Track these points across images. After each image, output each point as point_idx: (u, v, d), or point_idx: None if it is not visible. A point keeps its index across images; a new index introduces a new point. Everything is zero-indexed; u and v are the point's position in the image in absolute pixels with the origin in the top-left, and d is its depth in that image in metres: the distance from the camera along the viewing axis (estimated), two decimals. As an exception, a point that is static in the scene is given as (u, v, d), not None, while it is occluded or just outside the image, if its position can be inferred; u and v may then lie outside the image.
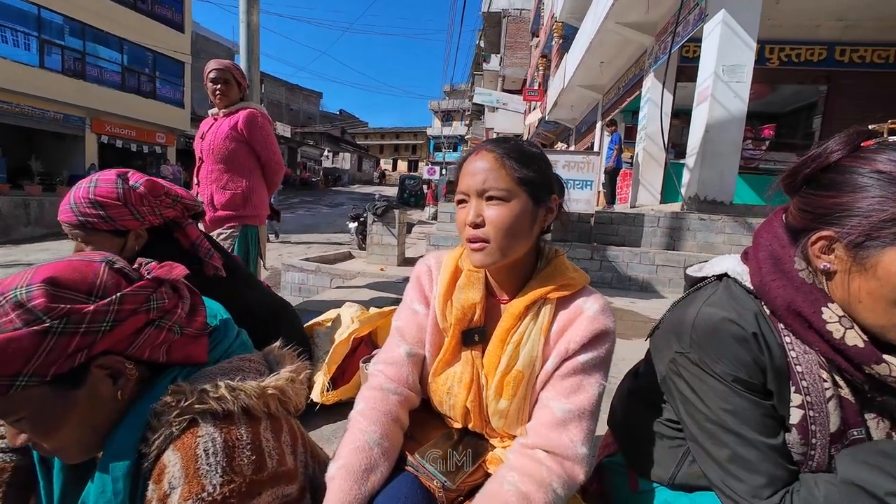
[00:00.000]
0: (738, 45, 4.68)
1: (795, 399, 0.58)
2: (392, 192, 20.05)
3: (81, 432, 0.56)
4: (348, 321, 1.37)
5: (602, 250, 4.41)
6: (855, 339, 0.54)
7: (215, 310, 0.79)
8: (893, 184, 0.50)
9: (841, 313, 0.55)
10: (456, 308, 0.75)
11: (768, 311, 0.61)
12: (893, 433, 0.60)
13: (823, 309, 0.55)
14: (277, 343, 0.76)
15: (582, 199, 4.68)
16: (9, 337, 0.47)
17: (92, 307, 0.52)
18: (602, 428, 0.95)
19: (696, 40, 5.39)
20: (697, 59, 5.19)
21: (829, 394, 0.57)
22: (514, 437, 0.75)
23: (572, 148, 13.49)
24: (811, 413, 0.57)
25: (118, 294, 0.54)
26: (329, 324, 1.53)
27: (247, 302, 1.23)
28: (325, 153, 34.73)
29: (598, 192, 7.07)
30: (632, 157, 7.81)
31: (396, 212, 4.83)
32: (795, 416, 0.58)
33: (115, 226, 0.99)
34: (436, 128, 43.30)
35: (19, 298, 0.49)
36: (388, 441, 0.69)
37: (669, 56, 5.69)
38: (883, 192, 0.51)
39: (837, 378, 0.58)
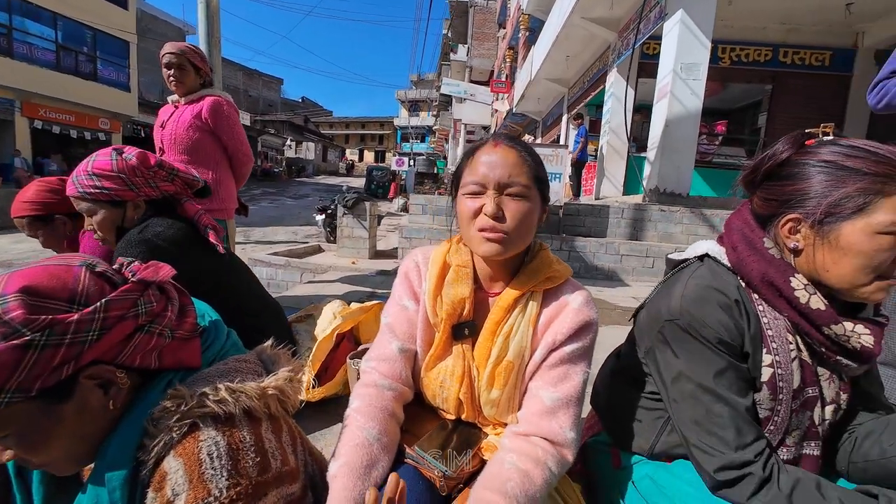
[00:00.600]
0: (695, 44, 4.92)
1: (767, 359, 0.67)
2: (359, 183, 19.67)
3: (72, 445, 0.53)
4: (330, 317, 1.35)
5: (570, 241, 4.55)
6: (818, 303, 0.64)
7: (203, 310, 0.77)
8: (839, 169, 0.61)
9: (806, 282, 0.65)
10: (446, 303, 0.76)
11: (744, 284, 0.69)
12: (842, 392, 0.71)
13: (791, 279, 0.65)
14: (269, 342, 0.75)
15: (551, 191, 4.79)
16: None
17: (76, 316, 0.48)
18: (585, 410, 1.00)
19: (657, 38, 5.61)
20: (657, 56, 5.41)
21: (793, 355, 0.66)
22: (505, 424, 0.78)
23: (539, 140, 13.73)
24: (779, 371, 0.66)
25: (103, 300, 0.51)
26: (309, 320, 1.50)
27: (240, 293, 1.20)
28: (288, 142, 33.41)
29: (566, 184, 7.27)
30: (596, 150, 8.06)
31: (367, 204, 4.75)
32: (766, 374, 0.66)
33: (112, 196, 1.06)
34: (403, 118, 42.68)
35: None
36: (387, 436, 0.70)
37: (632, 52, 5.89)
38: (832, 177, 0.61)
39: (800, 342, 0.67)
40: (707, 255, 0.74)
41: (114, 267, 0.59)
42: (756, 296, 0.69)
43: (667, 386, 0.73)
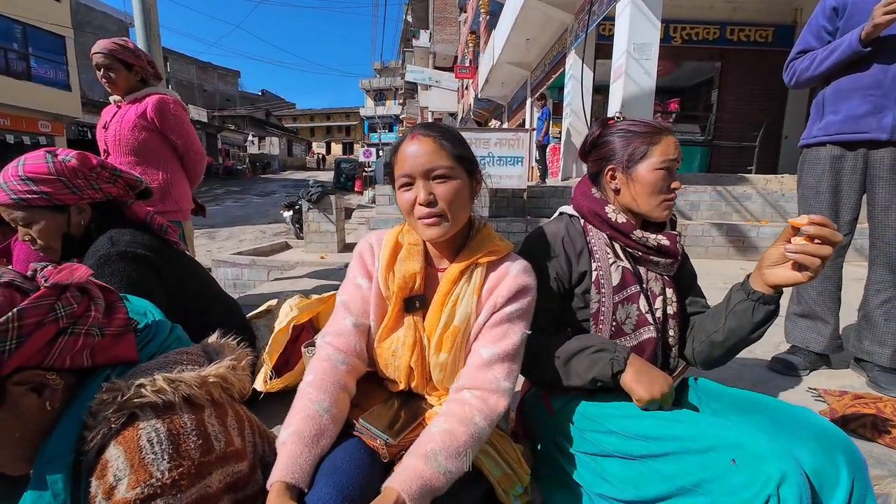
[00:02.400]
0: (646, 24, 5.05)
1: (592, 266, 0.94)
2: (328, 176, 19.26)
3: (17, 447, 0.55)
4: (287, 310, 1.37)
5: (535, 223, 4.67)
6: (623, 218, 0.94)
7: (144, 308, 0.78)
8: (628, 133, 0.94)
9: (615, 208, 0.96)
10: (398, 277, 0.83)
11: (582, 222, 0.99)
12: (667, 287, 0.97)
13: (606, 207, 0.96)
14: (215, 335, 0.78)
15: (514, 175, 4.88)
16: None
17: None
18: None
19: (611, 19, 5.72)
20: (612, 37, 5.52)
21: (611, 261, 0.94)
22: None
23: (506, 125, 13.82)
24: (600, 273, 0.93)
25: (15, 310, 0.52)
26: (268, 316, 1.51)
27: (200, 293, 1.20)
28: (250, 138, 32.20)
29: (532, 167, 7.38)
30: (560, 132, 8.21)
31: (332, 197, 4.70)
32: (593, 276, 0.94)
33: (52, 201, 1.00)
34: (369, 108, 41.81)
35: None
36: (337, 408, 0.74)
37: (587, 34, 6.00)
38: (625, 139, 0.94)
39: (620, 253, 0.95)
40: (561, 212, 1.04)
41: (26, 274, 0.60)
42: (589, 226, 0.98)
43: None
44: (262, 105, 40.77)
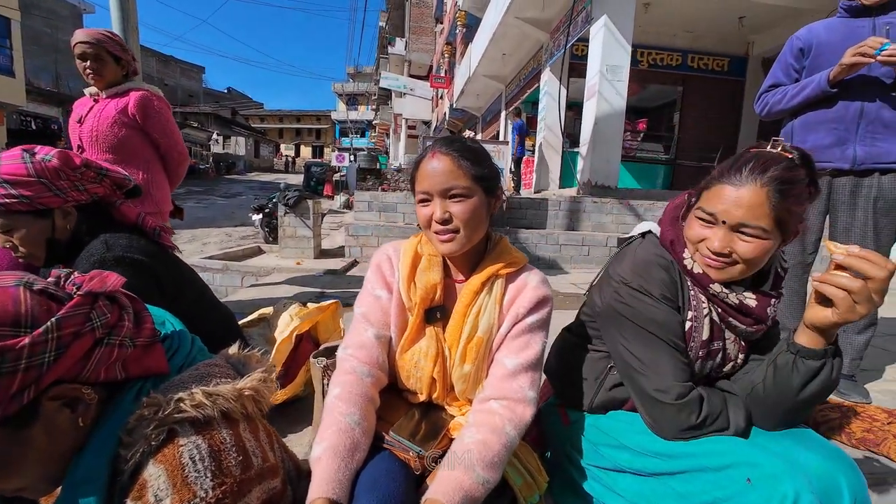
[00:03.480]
0: (618, 48, 5.34)
1: (688, 315, 0.83)
2: (298, 179, 18.76)
3: (45, 467, 0.52)
4: (287, 319, 1.33)
5: (514, 233, 4.77)
6: (698, 269, 0.82)
7: (163, 317, 0.75)
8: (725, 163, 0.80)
9: (692, 252, 0.83)
10: (419, 289, 0.83)
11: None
12: (741, 353, 0.86)
13: (685, 249, 0.84)
14: (235, 345, 0.75)
15: (494, 186, 4.96)
16: None
17: (27, 340, 0.46)
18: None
19: (584, 40, 6.00)
20: (586, 57, 5.79)
21: (704, 312, 0.83)
22: (471, 402, 0.85)
23: (479, 136, 14.05)
24: (694, 324, 0.83)
25: (53, 319, 0.49)
26: (262, 324, 1.47)
27: (196, 299, 1.14)
28: (215, 136, 30.90)
29: (508, 178, 7.54)
30: (533, 146, 8.45)
31: (310, 202, 4.59)
32: (686, 326, 0.83)
33: (33, 205, 0.93)
34: (341, 111, 41.24)
35: None
36: (367, 421, 0.74)
37: (564, 53, 6.25)
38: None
39: (711, 305, 0.84)
40: (650, 231, 0.92)
41: (50, 280, 0.56)
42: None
43: (618, 338, 0.87)
44: (228, 103, 39.25)
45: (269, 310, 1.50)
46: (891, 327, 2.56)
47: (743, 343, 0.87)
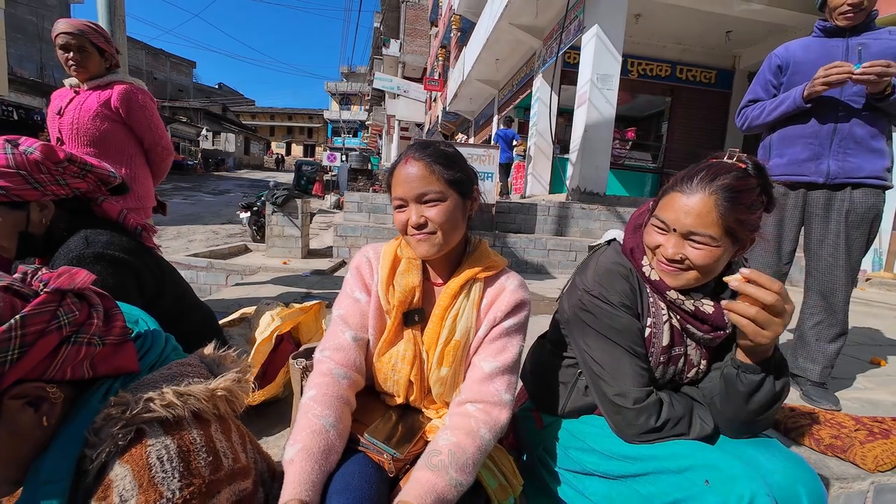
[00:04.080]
0: (608, 57, 5.42)
1: (647, 321, 0.85)
2: (287, 178, 18.60)
3: (6, 468, 0.51)
4: (268, 319, 1.32)
5: (503, 237, 4.79)
6: (655, 276, 0.84)
7: (136, 315, 0.74)
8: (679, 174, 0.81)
9: (650, 259, 0.85)
10: (398, 291, 0.83)
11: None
12: (703, 359, 0.87)
13: (644, 257, 0.86)
14: (211, 345, 0.74)
15: (484, 191, 4.99)
16: None
17: None
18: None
19: (576, 48, 6.08)
20: (577, 65, 5.86)
21: (664, 318, 0.85)
22: (448, 405, 0.86)
23: (472, 139, 14.11)
24: (654, 331, 0.85)
25: (17, 317, 0.48)
26: (243, 324, 1.45)
27: (177, 298, 1.13)
28: (204, 132, 30.48)
29: (496, 183, 7.57)
30: (524, 151, 8.52)
31: (299, 201, 4.56)
32: (646, 332, 0.86)
33: (9, 196, 0.92)
34: (333, 111, 41.04)
35: None
36: (342, 424, 0.74)
37: (556, 60, 6.32)
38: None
39: (671, 311, 0.85)
40: (614, 239, 0.94)
41: (16, 277, 0.55)
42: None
43: (579, 346, 0.89)
44: (218, 99, 38.82)
45: (250, 309, 1.49)
46: (861, 336, 2.64)
47: (704, 350, 0.88)
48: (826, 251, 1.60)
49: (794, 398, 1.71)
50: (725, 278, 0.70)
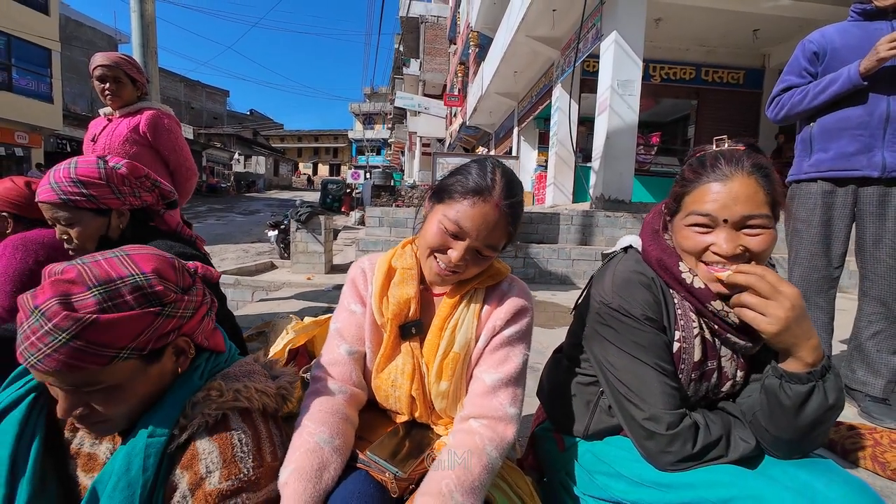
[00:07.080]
0: (628, 63, 5.33)
1: (675, 335, 0.77)
2: (315, 197, 19.17)
3: (139, 403, 0.60)
4: (282, 333, 1.31)
5: (525, 248, 4.71)
6: (699, 283, 0.75)
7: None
8: (687, 168, 0.78)
9: (688, 267, 0.76)
10: (392, 303, 0.80)
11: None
12: (739, 370, 0.79)
13: (680, 263, 0.77)
14: (262, 351, 0.85)
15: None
16: (128, 315, 0.54)
17: (186, 297, 0.62)
18: (534, 404, 1.05)
19: (595, 56, 6.01)
20: (597, 73, 5.79)
21: (695, 332, 0.76)
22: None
23: (493, 152, 14.14)
24: (684, 345, 0.76)
25: (196, 287, 0.65)
26: (261, 338, 1.45)
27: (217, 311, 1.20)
28: (236, 156, 32.00)
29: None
30: (546, 161, 8.43)
31: (322, 218, 4.65)
32: (674, 347, 0.77)
33: (98, 204, 1.03)
34: (357, 131, 42.28)
35: (139, 283, 0.56)
36: (340, 439, 0.70)
37: (574, 69, 6.27)
38: (680, 176, 0.79)
39: (703, 322, 0.77)
40: (631, 246, 0.86)
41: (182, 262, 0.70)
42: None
43: (601, 363, 0.81)
44: (250, 124, 40.79)
45: (267, 324, 1.49)
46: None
47: (741, 360, 0.79)
48: (884, 252, 1.46)
49: (851, 415, 1.54)
50: (717, 275, 0.69)
